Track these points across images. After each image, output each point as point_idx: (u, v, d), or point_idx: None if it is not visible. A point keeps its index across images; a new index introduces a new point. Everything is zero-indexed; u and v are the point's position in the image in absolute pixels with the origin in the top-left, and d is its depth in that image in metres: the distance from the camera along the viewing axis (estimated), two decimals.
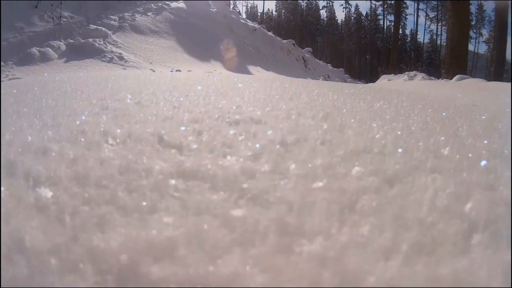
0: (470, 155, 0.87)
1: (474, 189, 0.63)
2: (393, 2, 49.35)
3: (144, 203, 0.51)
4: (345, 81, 25.07)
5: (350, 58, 56.65)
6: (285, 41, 17.81)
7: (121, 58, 7.17)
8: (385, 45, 49.22)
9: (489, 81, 10.51)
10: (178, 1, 12.05)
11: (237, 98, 1.65)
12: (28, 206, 0.50)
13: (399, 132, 1.03)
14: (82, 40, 7.20)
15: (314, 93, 2.36)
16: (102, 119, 0.98)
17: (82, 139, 0.78)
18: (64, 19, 8.77)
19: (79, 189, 0.54)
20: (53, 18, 8.20)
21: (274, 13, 64.31)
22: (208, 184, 0.55)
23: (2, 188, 0.54)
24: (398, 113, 1.56)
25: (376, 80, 25.11)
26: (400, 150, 0.80)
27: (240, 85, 2.73)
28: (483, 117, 1.90)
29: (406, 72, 11.54)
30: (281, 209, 0.50)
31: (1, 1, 7.73)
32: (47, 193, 0.53)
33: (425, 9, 51.01)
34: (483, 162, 0.81)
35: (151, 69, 7.13)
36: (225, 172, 0.59)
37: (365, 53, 56.66)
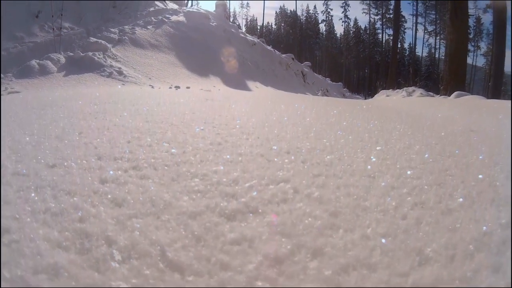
0: (454, 253, 0.91)
1: None
2: (391, 16, 50.16)
3: None
4: (344, 95, 25.30)
5: (348, 72, 57.18)
6: (284, 55, 17.95)
7: (120, 73, 7.21)
8: (384, 58, 49.71)
9: (487, 96, 10.62)
10: (178, 15, 12.16)
11: (234, 154, 1.69)
12: None
13: (389, 220, 1.07)
14: (81, 54, 7.23)
15: (311, 135, 2.39)
16: (103, 206, 1.01)
17: (88, 245, 0.82)
18: (65, 30, 8.83)
19: None
20: (53, 29, 8.25)
21: (273, 26, 65.18)
22: None
23: None
24: (394, 173, 1.59)
25: (375, 94, 25.31)
26: (386, 259, 0.84)
27: (238, 121, 2.76)
28: (480, 157, 1.94)
29: (405, 88, 11.62)
30: None
31: (1, 13, 7.78)
32: None
33: (423, 23, 51.72)
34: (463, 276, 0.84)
35: (150, 85, 7.17)
36: None
37: (364, 66, 57.10)
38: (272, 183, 1.28)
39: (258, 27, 61.95)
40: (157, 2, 13.61)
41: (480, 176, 1.61)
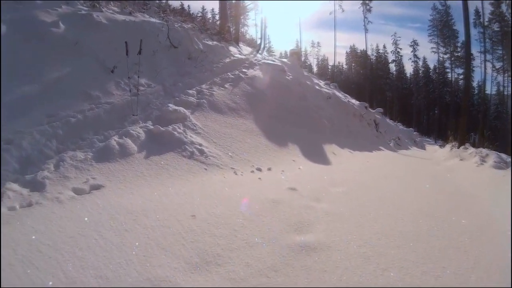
0: None
1: None
2: (460, 54, 50.07)
3: None
4: (415, 141, 24.80)
5: (419, 112, 56.98)
6: (357, 104, 17.53)
7: (201, 152, 6.88)
8: (453, 99, 49.08)
9: None
10: (254, 68, 11.90)
11: None
12: None
13: None
14: (161, 128, 6.97)
15: None
16: None
17: None
18: (141, 88, 8.65)
19: None
20: (130, 90, 8.07)
21: (344, 66, 66.14)
22: None
23: None
24: None
25: (446, 144, 24.71)
26: None
27: None
28: None
29: (479, 152, 10.82)
30: None
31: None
32: None
33: (491, 60, 51.30)
34: None
35: (232, 168, 6.79)
36: None
37: (434, 107, 56.71)
38: None
39: (329, 67, 63.35)
40: (232, 49, 13.49)
41: None
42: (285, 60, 15.68)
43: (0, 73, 6.81)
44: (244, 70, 11.45)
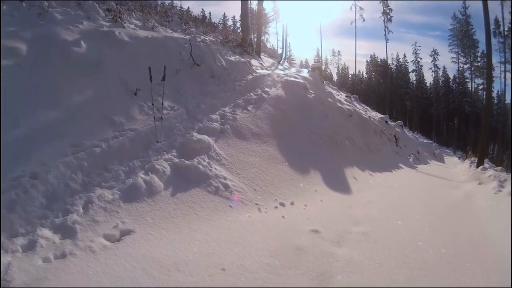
0: None
1: None
2: (480, 64, 50.32)
3: None
4: (434, 154, 24.60)
5: (438, 122, 57.26)
6: (377, 118, 17.43)
7: (226, 186, 6.95)
8: (473, 109, 49.25)
9: None
10: (277, 86, 11.90)
11: None
12: None
13: None
14: (186, 162, 7.03)
15: None
16: None
17: None
18: (165, 111, 8.72)
19: None
20: (154, 116, 8.12)
21: (364, 75, 66.73)
22: None
23: None
24: None
25: (465, 156, 24.46)
26: None
27: None
28: None
29: (497, 175, 10.74)
30: None
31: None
32: None
33: (510, 70, 51.84)
34: None
35: (256, 204, 6.86)
36: None
37: (453, 117, 56.98)
38: None
39: (350, 75, 64.06)
40: (254, 63, 13.51)
41: None
42: (306, 74, 15.60)
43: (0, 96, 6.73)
44: (266, 89, 11.44)
